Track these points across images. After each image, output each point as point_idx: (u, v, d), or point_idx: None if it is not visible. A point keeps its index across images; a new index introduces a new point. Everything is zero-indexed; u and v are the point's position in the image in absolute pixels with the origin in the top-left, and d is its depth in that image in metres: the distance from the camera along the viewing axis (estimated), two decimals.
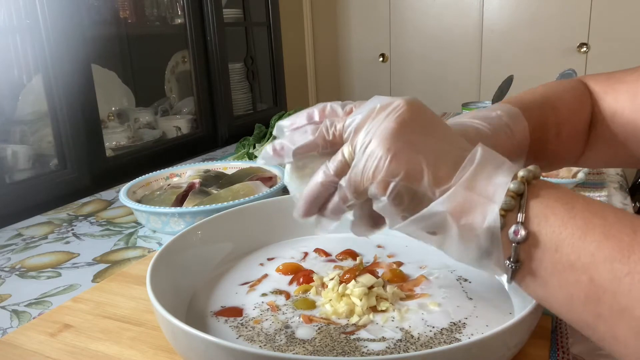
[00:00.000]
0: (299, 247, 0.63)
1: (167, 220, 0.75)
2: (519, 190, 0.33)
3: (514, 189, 0.33)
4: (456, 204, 0.34)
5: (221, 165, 0.99)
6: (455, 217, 0.34)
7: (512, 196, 0.33)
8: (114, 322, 0.51)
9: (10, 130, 1.09)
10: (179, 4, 1.42)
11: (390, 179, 0.35)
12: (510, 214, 0.33)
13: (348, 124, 0.39)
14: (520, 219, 0.33)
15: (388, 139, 0.35)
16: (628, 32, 2.08)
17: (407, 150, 0.35)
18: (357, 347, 0.43)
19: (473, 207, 0.34)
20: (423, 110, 0.38)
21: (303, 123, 0.42)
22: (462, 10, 2.35)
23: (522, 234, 0.33)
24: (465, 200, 0.34)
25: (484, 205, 0.33)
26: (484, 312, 0.47)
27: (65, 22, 1.03)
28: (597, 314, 0.30)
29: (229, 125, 1.53)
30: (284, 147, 0.41)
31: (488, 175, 0.34)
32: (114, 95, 1.46)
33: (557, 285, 0.32)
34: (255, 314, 0.49)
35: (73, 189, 1.04)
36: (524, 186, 0.33)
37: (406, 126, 0.36)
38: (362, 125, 0.37)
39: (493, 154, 0.36)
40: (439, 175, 0.35)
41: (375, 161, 0.36)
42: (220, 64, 1.47)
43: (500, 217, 0.33)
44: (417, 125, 0.36)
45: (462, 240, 0.35)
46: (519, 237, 0.33)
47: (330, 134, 0.39)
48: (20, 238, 0.81)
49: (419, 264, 0.57)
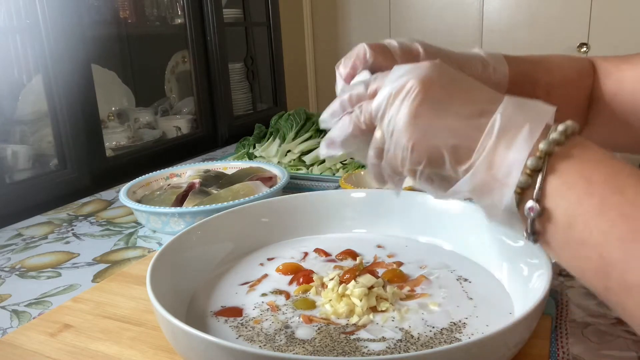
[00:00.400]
0: (299, 247, 0.63)
1: (167, 220, 0.75)
2: (536, 167, 0.33)
3: (531, 165, 0.33)
4: (476, 185, 0.36)
5: (221, 165, 0.99)
6: (477, 197, 0.36)
7: (529, 174, 0.33)
8: (114, 322, 0.52)
9: (10, 130, 1.08)
10: (179, 4, 1.42)
11: (416, 168, 0.37)
12: (527, 190, 0.34)
13: (374, 110, 0.39)
14: (536, 196, 0.33)
15: (406, 130, 0.37)
16: (628, 32, 2.08)
17: (425, 139, 0.36)
18: (357, 347, 0.43)
19: (491, 189, 0.35)
20: (440, 80, 0.38)
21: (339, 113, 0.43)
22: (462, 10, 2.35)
23: (536, 211, 0.33)
24: (484, 183, 0.35)
25: (500, 188, 0.35)
26: (484, 312, 0.47)
27: (65, 22, 1.03)
28: (606, 287, 0.31)
29: (229, 125, 1.52)
30: (334, 141, 0.43)
31: (505, 150, 0.34)
32: (114, 95, 1.46)
33: (569, 258, 0.34)
34: (255, 314, 0.49)
35: (73, 189, 1.04)
36: (542, 162, 0.33)
37: (421, 111, 0.36)
38: (385, 112, 0.38)
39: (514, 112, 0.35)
40: (460, 155, 0.36)
41: (400, 151, 0.37)
42: (220, 64, 1.47)
43: (516, 195, 0.34)
44: (433, 102, 0.37)
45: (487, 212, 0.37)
46: (534, 214, 0.34)
47: (363, 123, 0.41)
48: (20, 238, 0.81)
49: (419, 264, 0.57)
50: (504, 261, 0.53)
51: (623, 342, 0.46)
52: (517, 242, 0.51)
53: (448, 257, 0.59)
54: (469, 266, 0.56)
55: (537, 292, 0.41)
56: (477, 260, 0.57)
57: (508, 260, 0.52)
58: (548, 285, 0.41)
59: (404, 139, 0.37)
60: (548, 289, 0.41)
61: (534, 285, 0.45)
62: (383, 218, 0.65)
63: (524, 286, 0.47)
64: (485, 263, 0.56)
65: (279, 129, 1.19)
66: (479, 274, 0.55)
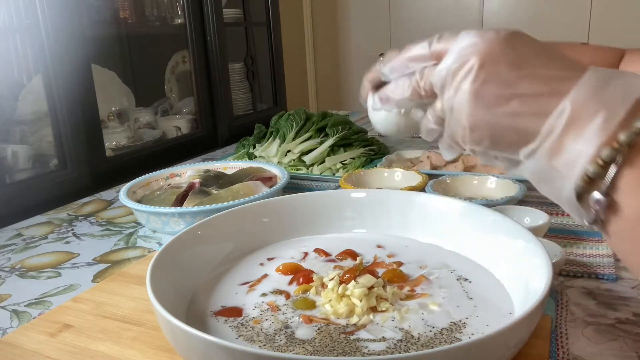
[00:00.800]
0: (299, 247, 0.63)
1: (167, 220, 0.75)
2: (610, 158, 0.31)
3: (605, 157, 0.31)
4: (536, 172, 0.35)
5: (221, 165, 0.99)
6: (537, 184, 0.36)
7: (601, 165, 0.31)
8: (114, 322, 0.51)
9: (10, 130, 1.09)
10: (179, 4, 1.42)
11: (475, 147, 0.37)
12: (596, 180, 0.32)
13: (435, 81, 0.38)
14: (606, 188, 0.31)
15: (466, 110, 0.36)
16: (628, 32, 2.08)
17: (486, 119, 0.35)
18: (358, 347, 0.43)
19: (552, 179, 0.34)
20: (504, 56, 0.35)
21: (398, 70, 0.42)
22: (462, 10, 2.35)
23: (604, 204, 0.32)
24: (545, 171, 0.34)
25: (561, 180, 0.33)
26: (484, 312, 0.47)
27: (65, 22, 1.03)
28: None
29: (229, 125, 1.53)
30: (389, 98, 0.42)
31: (573, 139, 0.32)
32: (114, 95, 1.46)
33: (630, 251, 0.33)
34: (255, 314, 0.49)
35: (73, 189, 1.04)
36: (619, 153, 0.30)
37: (482, 91, 0.35)
38: (445, 86, 0.37)
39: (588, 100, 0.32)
40: (522, 138, 0.34)
41: (460, 130, 0.37)
42: (220, 64, 1.47)
43: (582, 184, 0.32)
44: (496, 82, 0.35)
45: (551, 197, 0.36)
46: (599, 207, 0.32)
47: (422, 90, 0.40)
48: (20, 238, 0.81)
49: (419, 264, 0.57)
50: (504, 261, 0.53)
51: (623, 342, 0.46)
52: (517, 242, 0.51)
53: (448, 257, 0.59)
54: (469, 266, 0.56)
55: (537, 292, 0.41)
56: (477, 260, 0.57)
57: (508, 260, 0.52)
58: (548, 285, 0.41)
59: (463, 117, 0.36)
60: (548, 289, 0.41)
61: (534, 285, 0.45)
62: (383, 218, 0.65)
63: (524, 286, 0.47)
64: (485, 263, 0.56)
65: (279, 129, 1.19)
66: (479, 274, 0.55)
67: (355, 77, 2.67)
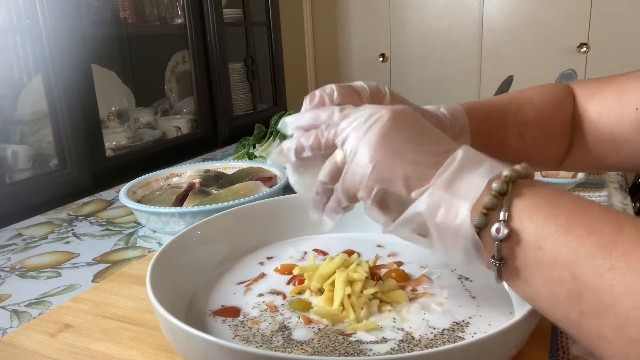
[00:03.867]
0: (299, 247, 0.63)
1: (167, 220, 0.75)
2: (501, 190, 0.34)
3: (496, 188, 0.34)
4: (432, 203, 0.36)
5: (221, 165, 0.99)
6: (431, 216, 0.36)
7: (495, 195, 0.34)
8: (114, 322, 0.51)
9: (10, 130, 1.08)
10: (179, 4, 1.42)
11: (373, 185, 0.38)
12: (493, 212, 0.34)
13: (340, 131, 0.41)
14: (503, 217, 0.33)
15: (371, 149, 0.38)
16: (628, 32, 2.08)
17: (388, 158, 0.38)
18: (360, 349, 0.43)
19: (447, 206, 0.35)
20: (408, 119, 0.40)
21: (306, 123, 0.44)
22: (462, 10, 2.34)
23: (504, 232, 0.33)
24: (441, 200, 0.35)
25: (457, 204, 0.35)
26: (486, 311, 0.47)
27: (65, 22, 1.03)
28: (581, 311, 0.30)
29: (229, 125, 1.52)
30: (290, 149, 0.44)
31: (467, 174, 0.35)
32: (114, 95, 1.46)
33: (541, 282, 0.32)
34: (254, 314, 0.49)
35: (73, 189, 1.04)
36: (507, 185, 0.34)
37: (388, 136, 0.38)
38: (350, 134, 0.40)
39: (476, 154, 0.37)
40: (419, 179, 0.37)
41: (361, 168, 0.38)
42: (220, 64, 1.47)
43: (482, 216, 0.34)
44: (400, 134, 0.38)
45: (442, 240, 0.36)
46: (501, 235, 0.33)
47: (324, 139, 0.42)
48: (20, 238, 0.81)
49: (420, 264, 0.57)
50: None
51: None
52: None
53: None
54: None
55: None
56: None
57: None
58: None
59: (367, 156, 0.38)
60: None
61: None
62: None
63: None
64: None
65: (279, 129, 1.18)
66: (479, 273, 0.55)
67: (355, 77, 2.67)
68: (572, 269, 0.30)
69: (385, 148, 0.38)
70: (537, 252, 0.32)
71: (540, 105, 0.56)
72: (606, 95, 0.54)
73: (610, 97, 0.54)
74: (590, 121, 0.55)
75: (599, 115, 0.55)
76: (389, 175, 0.37)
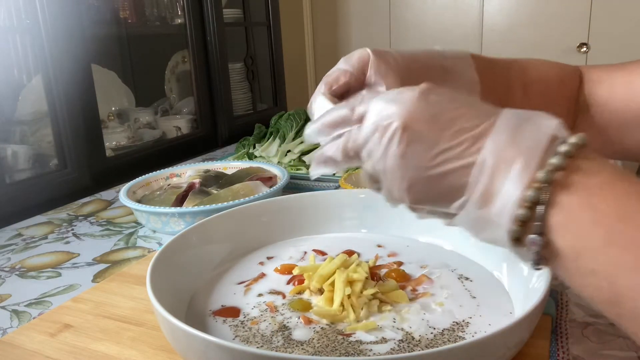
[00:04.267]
0: (299, 247, 0.63)
1: (167, 220, 0.75)
2: (536, 199, 0.31)
3: (530, 198, 0.31)
4: (472, 222, 0.35)
5: (221, 165, 0.99)
6: (472, 233, 0.36)
7: (529, 206, 0.32)
8: (114, 322, 0.51)
9: (10, 130, 1.08)
10: (179, 4, 1.42)
11: (414, 207, 0.37)
12: (528, 223, 0.32)
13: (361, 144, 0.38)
14: (537, 230, 0.32)
15: (399, 175, 0.36)
16: (628, 32, 2.08)
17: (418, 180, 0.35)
18: (360, 349, 0.43)
19: (487, 226, 0.34)
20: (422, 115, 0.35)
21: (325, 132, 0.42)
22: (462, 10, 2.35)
23: (539, 244, 0.32)
24: (480, 219, 0.34)
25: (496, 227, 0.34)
26: (486, 311, 0.47)
27: (65, 22, 1.03)
28: (619, 314, 0.31)
29: (229, 125, 1.52)
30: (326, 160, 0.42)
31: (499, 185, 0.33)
32: (114, 95, 1.46)
33: (579, 286, 0.32)
34: (254, 314, 0.49)
35: (73, 189, 1.04)
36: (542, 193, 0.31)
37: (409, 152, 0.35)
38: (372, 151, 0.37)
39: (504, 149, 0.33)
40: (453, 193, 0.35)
41: (396, 192, 0.37)
42: (220, 64, 1.47)
43: (517, 228, 0.32)
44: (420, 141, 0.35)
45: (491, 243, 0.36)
46: (536, 247, 0.32)
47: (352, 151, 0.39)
48: (20, 238, 0.81)
49: (420, 264, 0.57)
50: (504, 261, 0.53)
51: (623, 342, 0.46)
52: None
53: (448, 256, 0.59)
54: (469, 266, 0.56)
55: (537, 292, 0.41)
56: (477, 260, 0.57)
57: (508, 260, 0.52)
58: (548, 285, 0.41)
59: (397, 180, 0.36)
60: (548, 289, 0.41)
61: (534, 285, 0.45)
62: (383, 218, 0.65)
63: (524, 286, 0.47)
64: (485, 263, 0.56)
65: (279, 129, 1.19)
66: (479, 273, 0.55)
67: None
68: (611, 280, 0.30)
69: (410, 167, 0.35)
70: (575, 262, 0.31)
71: (544, 72, 0.54)
72: (615, 81, 0.54)
73: (619, 83, 0.53)
74: (597, 106, 0.55)
75: (606, 101, 0.54)
76: (424, 197, 0.36)
